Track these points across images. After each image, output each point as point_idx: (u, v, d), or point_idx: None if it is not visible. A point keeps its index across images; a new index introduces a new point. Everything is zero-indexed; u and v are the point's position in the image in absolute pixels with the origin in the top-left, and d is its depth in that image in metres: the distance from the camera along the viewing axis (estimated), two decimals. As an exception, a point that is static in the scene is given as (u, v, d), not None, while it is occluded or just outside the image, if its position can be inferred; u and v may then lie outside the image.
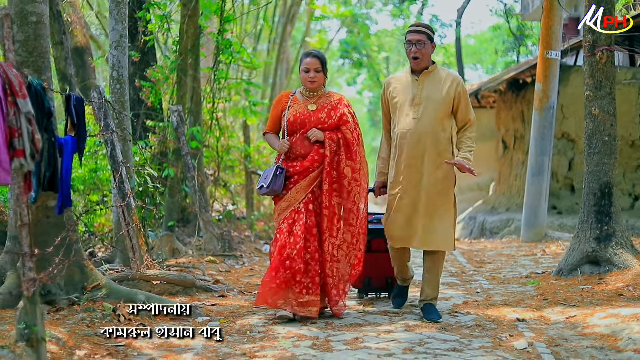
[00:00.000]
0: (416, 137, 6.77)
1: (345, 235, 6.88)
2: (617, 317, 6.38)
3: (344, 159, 6.84)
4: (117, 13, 8.77)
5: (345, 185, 6.84)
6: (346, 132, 6.89)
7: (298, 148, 6.88)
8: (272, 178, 6.73)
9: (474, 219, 18.20)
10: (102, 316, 6.28)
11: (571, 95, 15.29)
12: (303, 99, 7.01)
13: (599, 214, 8.70)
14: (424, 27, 6.91)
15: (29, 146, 4.50)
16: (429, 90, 6.84)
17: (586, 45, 8.94)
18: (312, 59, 6.95)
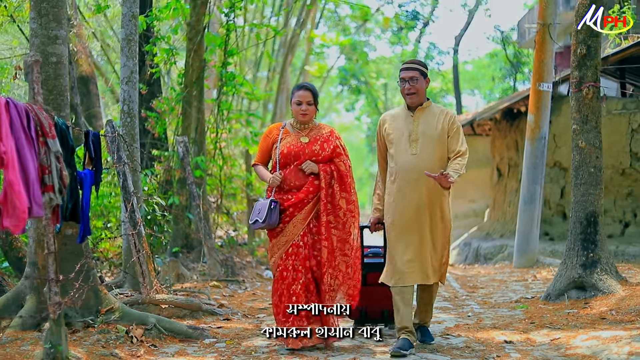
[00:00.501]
0: (415, 173, 6.75)
1: (341, 266, 6.83)
2: (598, 339, 6.81)
3: (339, 190, 6.87)
4: (128, 50, 9.22)
5: (340, 216, 6.85)
6: (340, 165, 6.93)
7: (292, 180, 6.85)
8: (267, 212, 6.69)
9: (469, 245, 18.63)
10: (116, 338, 6.71)
11: (564, 125, 15.72)
12: (294, 132, 7.01)
13: (585, 242, 9.15)
14: (416, 63, 6.96)
15: (58, 182, 4.96)
16: (424, 126, 6.85)
17: (573, 82, 9.40)
18: (305, 92, 6.95)
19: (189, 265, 11.63)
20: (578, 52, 9.33)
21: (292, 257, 6.74)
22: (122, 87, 9.22)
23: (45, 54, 6.86)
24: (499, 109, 18.14)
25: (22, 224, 4.40)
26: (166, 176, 12.64)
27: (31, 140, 4.70)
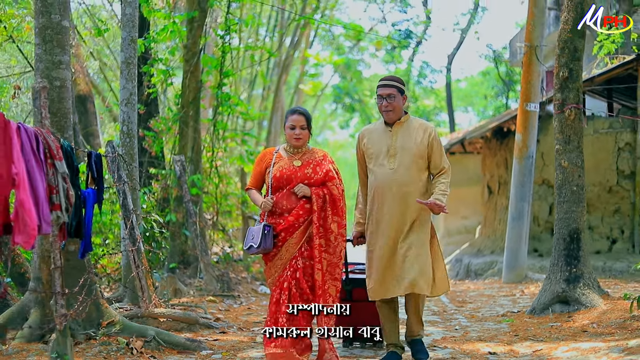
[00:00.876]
0: (394, 187, 6.79)
1: (331, 290, 6.83)
2: (578, 350, 7.14)
3: (331, 214, 6.83)
4: (127, 73, 9.56)
5: (332, 240, 6.82)
6: (332, 188, 6.89)
7: (284, 203, 6.82)
8: (261, 237, 6.65)
9: (460, 261, 18.95)
10: (117, 349, 7.02)
11: (551, 144, 15.93)
12: (287, 155, 6.98)
13: (568, 257, 9.49)
14: (394, 80, 6.99)
15: (64, 201, 5.29)
16: (402, 140, 6.89)
17: (556, 103, 9.76)
18: (298, 116, 6.94)
19: (186, 281, 11.94)
20: (560, 75, 9.69)
21: (288, 280, 6.69)
22: (121, 109, 9.54)
23: (49, 78, 7.20)
24: (489, 128, 18.51)
25: (32, 240, 4.71)
26: (163, 194, 12.97)
27: (40, 162, 5.03)
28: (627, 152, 15.87)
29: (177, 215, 12.51)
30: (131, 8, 9.59)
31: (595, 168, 15.87)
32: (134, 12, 9.61)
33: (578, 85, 9.68)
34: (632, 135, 15.75)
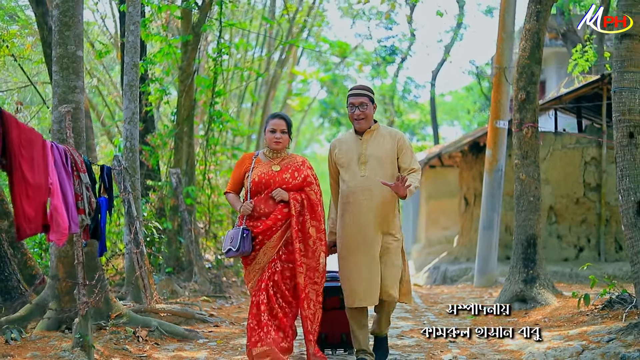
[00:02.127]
0: (365, 194, 6.90)
1: (311, 295, 6.91)
2: (527, 340, 8.20)
3: (309, 219, 6.92)
4: (130, 94, 10.58)
5: (310, 244, 6.90)
6: (310, 193, 6.99)
7: (262, 207, 6.88)
8: (240, 241, 6.73)
9: (438, 268, 19.95)
10: (125, 337, 8.06)
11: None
12: (267, 160, 7.06)
13: (526, 261, 10.60)
14: (365, 89, 7.08)
15: (87, 207, 6.34)
16: (372, 148, 6.99)
17: (515, 122, 10.87)
18: (279, 120, 7.03)
19: (181, 284, 12.96)
20: (519, 97, 10.80)
21: (266, 282, 6.78)
22: (124, 126, 10.55)
23: (66, 101, 8.21)
24: (464, 143, 19.52)
25: (64, 238, 5.73)
26: (159, 204, 14.00)
27: (69, 174, 6.06)
28: (593, 165, 16.91)
29: (173, 224, 13.57)
30: (133, 36, 10.62)
31: (563, 181, 16.95)
32: (136, 39, 10.64)
33: (535, 106, 10.78)
34: (597, 150, 16.79)
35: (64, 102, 8.18)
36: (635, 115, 7.61)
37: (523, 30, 10.98)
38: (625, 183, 7.57)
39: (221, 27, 14.63)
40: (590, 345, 7.28)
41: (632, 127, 7.58)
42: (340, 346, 7.74)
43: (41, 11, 13.14)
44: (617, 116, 7.67)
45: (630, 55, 7.68)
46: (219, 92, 14.73)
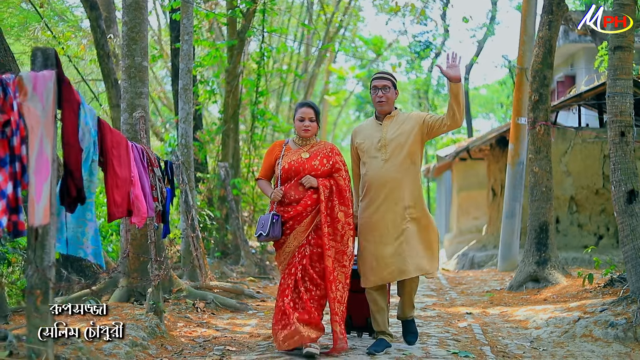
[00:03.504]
0: (386, 177, 7.07)
1: (340, 277, 7.00)
2: (533, 310, 9.44)
3: (337, 204, 7.05)
4: (185, 97, 11.89)
5: (339, 229, 7.01)
6: (339, 179, 7.11)
7: (292, 194, 7.04)
8: (269, 226, 6.90)
9: (466, 255, 21.10)
10: (186, 308, 9.38)
11: (544, 152, 18.21)
12: (296, 147, 7.23)
13: (538, 245, 11.79)
14: (388, 74, 7.25)
15: (160, 195, 7.65)
16: (392, 132, 7.11)
17: (529, 121, 12.04)
18: (307, 109, 7.18)
19: (228, 267, 14.28)
20: (532, 98, 11.98)
21: (294, 265, 6.98)
22: (180, 125, 11.85)
23: (133, 105, 9.51)
24: (490, 138, 20.60)
25: (143, 221, 6.98)
26: (208, 194, 15.34)
27: (145, 168, 7.35)
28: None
29: (221, 212, 14.91)
30: (187, 45, 11.93)
31: (584, 172, 18.01)
32: (190, 48, 11.94)
33: (547, 106, 11.95)
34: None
35: (132, 106, 9.48)
36: (626, 116, 8.71)
37: (537, 37, 12.16)
38: (617, 175, 8.69)
39: (264, 33, 15.93)
40: (585, 315, 8.44)
41: (623, 127, 8.68)
42: (366, 330, 7.84)
43: (95, 15, 14.50)
44: (611, 117, 8.78)
45: (622, 64, 8.78)
46: (262, 93, 16.05)
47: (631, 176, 8.56)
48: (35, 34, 18.81)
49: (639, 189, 8.54)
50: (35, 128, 4.63)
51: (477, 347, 7.50)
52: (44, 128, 4.77)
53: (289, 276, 6.98)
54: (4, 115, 4.26)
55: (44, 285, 4.98)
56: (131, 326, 7.11)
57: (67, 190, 5.15)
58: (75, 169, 5.20)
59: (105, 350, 6.09)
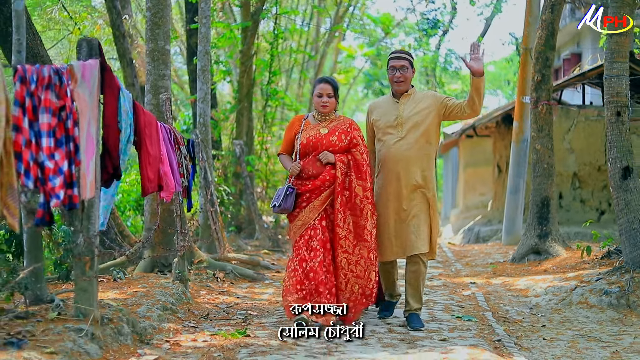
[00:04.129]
0: (401, 154, 7.17)
1: (362, 251, 7.05)
2: (533, 280, 10.02)
3: (355, 179, 7.08)
4: (203, 77, 12.44)
5: (357, 203, 7.07)
6: (356, 154, 7.18)
7: (310, 169, 7.13)
8: (283, 197, 7.05)
9: (472, 230, 21.66)
10: (207, 277, 9.99)
11: (549, 129, 18.74)
12: (315, 123, 7.31)
13: (540, 219, 12.36)
14: (405, 53, 7.37)
15: (185, 172, 8.24)
16: (409, 110, 7.21)
17: (532, 100, 12.57)
18: (325, 85, 7.22)
19: (243, 240, 14.90)
20: (535, 78, 12.51)
21: (306, 238, 7.03)
22: (198, 105, 12.41)
23: (156, 86, 10.07)
24: (495, 116, 21.09)
25: (171, 195, 7.56)
26: (222, 171, 15.94)
27: (172, 147, 7.93)
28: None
29: (235, 188, 15.51)
30: (205, 28, 12.46)
31: (587, 150, 18.53)
32: (208, 31, 12.49)
33: (549, 86, 12.49)
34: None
35: (155, 88, 10.03)
36: (622, 97, 9.23)
37: (540, 20, 12.68)
38: (613, 153, 9.23)
39: (277, 14, 16.47)
40: (582, 284, 9.01)
41: (619, 107, 9.21)
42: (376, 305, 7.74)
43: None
44: (607, 98, 9.31)
45: (619, 48, 9.30)
46: (275, 72, 16.62)
47: (626, 153, 9.09)
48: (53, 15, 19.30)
49: (633, 166, 9.07)
50: (84, 111, 5.20)
51: (479, 312, 8.10)
52: (90, 111, 5.36)
53: (301, 248, 7.03)
54: (60, 101, 4.81)
55: (90, 252, 5.58)
56: (160, 292, 7.70)
57: (104, 168, 5.74)
58: (113, 149, 5.79)
59: (140, 313, 6.67)
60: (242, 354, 5.80)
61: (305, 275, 6.93)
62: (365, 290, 7.06)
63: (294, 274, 6.98)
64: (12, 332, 5.06)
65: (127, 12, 17.25)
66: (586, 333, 7.33)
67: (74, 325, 5.36)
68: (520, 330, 7.42)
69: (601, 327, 7.60)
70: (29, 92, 4.47)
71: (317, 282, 6.86)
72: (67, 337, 5.14)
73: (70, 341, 5.08)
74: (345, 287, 7.02)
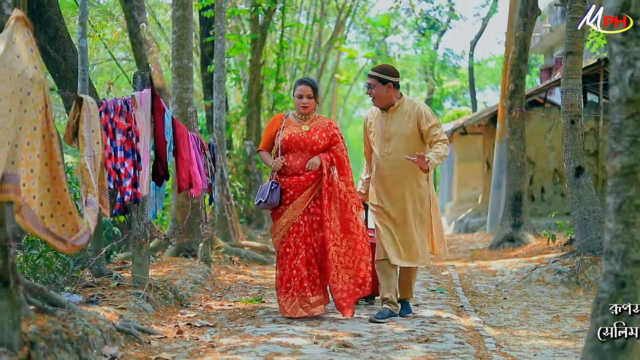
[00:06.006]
0: (390, 169, 7.34)
1: (350, 243, 7.23)
2: (503, 263, 11.76)
3: (337, 175, 7.27)
4: (218, 87, 14.13)
5: (342, 198, 7.22)
6: (337, 151, 7.34)
7: (295, 167, 7.27)
8: (268, 193, 7.15)
9: (462, 221, 23.29)
10: (225, 261, 11.73)
11: (532, 129, 20.29)
12: (296, 121, 7.42)
13: (514, 211, 14.12)
14: (376, 71, 7.36)
15: (210, 172, 9.99)
16: (396, 125, 7.31)
17: (506, 107, 14.31)
18: (305, 86, 7.34)
19: (253, 231, 16.64)
20: (509, 88, 14.25)
21: (293, 235, 7.21)
22: (215, 112, 14.08)
23: (181, 98, 11.74)
24: (483, 116, 22.67)
25: (199, 192, 9.22)
26: (234, 168, 17.69)
27: (199, 152, 9.65)
28: (591, 135, 19.99)
29: (246, 184, 17.27)
30: (221, 44, 14.15)
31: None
32: (223, 47, 14.18)
33: (522, 95, 14.24)
34: (595, 122, 19.90)
35: (180, 99, 11.69)
36: (576, 108, 10.83)
37: (513, 37, 14.42)
38: (568, 155, 10.84)
39: (283, 27, 18.22)
40: (541, 265, 10.70)
41: (573, 116, 10.83)
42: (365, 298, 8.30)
43: (129, 7, 16.53)
44: (564, 109, 10.93)
45: (573, 67, 10.92)
46: (281, 79, 18.38)
47: (579, 155, 10.74)
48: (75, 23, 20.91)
49: (584, 166, 10.75)
50: (142, 129, 6.94)
51: (452, 287, 9.85)
52: (146, 129, 7.10)
53: (287, 246, 7.26)
54: (127, 123, 6.54)
55: (144, 235, 7.35)
56: (190, 271, 9.44)
57: (157, 171, 7.49)
58: (163, 155, 7.54)
59: (177, 285, 8.40)
60: (260, 313, 7.55)
61: (292, 273, 7.16)
62: (357, 280, 7.24)
63: (284, 272, 7.24)
64: (89, 295, 6.80)
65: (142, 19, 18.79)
66: (538, 304, 8.92)
67: (133, 291, 7.09)
68: (485, 301, 9.10)
69: (552, 300, 9.21)
70: (109, 119, 6.21)
71: (300, 278, 7.12)
72: (129, 298, 6.86)
73: (132, 302, 6.79)
74: (337, 277, 7.17)
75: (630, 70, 3.54)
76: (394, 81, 7.31)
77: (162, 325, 6.60)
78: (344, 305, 7.18)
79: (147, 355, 5.46)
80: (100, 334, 5.31)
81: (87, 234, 4.90)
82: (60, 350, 4.72)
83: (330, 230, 7.17)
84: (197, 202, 10.42)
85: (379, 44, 38.83)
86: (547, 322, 7.69)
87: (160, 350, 5.70)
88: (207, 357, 5.55)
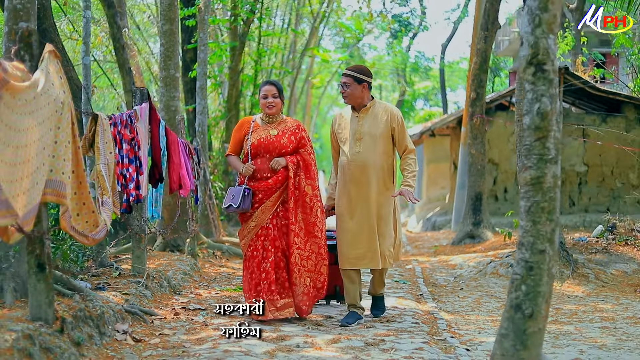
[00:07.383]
0: (359, 168, 7.29)
1: (313, 247, 7.29)
2: (463, 258, 12.87)
3: (304, 178, 7.28)
4: (201, 94, 15.09)
5: (307, 201, 7.28)
6: (304, 154, 7.37)
7: (264, 171, 7.28)
8: (241, 198, 7.13)
9: (429, 219, 24.32)
10: (208, 255, 12.75)
11: (496, 133, 21.30)
12: (264, 125, 7.41)
13: (474, 210, 15.24)
14: (351, 70, 7.40)
15: (196, 174, 11.03)
16: (368, 125, 7.32)
17: (468, 114, 15.42)
18: (270, 86, 7.38)
19: (232, 227, 17.62)
20: (471, 96, 15.35)
21: (262, 239, 7.22)
22: (198, 117, 14.99)
23: (168, 106, 12.69)
24: (450, 120, 23.54)
25: (187, 192, 10.22)
26: (213, 169, 18.68)
27: (187, 156, 10.66)
28: (552, 138, 21.19)
29: (224, 183, 18.28)
30: (203, 54, 15.13)
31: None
32: (206, 56, 15.17)
33: (482, 103, 15.33)
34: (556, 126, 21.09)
35: (168, 107, 12.59)
36: (528, 117, 11.97)
37: (475, 48, 15.53)
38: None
39: (260, 36, 19.25)
40: (495, 259, 11.79)
41: (525, 125, 11.98)
42: (334, 297, 8.42)
43: (112, 12, 17.19)
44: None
45: (526, 79, 12.04)
46: (258, 85, 19.36)
47: (530, 160, 11.82)
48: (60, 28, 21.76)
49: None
50: (142, 139, 7.97)
51: (414, 279, 10.95)
52: (144, 138, 8.14)
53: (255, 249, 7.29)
54: (131, 134, 7.57)
55: (142, 231, 8.41)
56: (179, 264, 10.47)
57: (153, 175, 8.54)
58: (158, 161, 8.57)
59: (170, 275, 9.42)
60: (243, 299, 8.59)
61: (261, 276, 7.19)
62: (316, 283, 7.34)
63: (252, 276, 7.27)
64: (96, 283, 7.83)
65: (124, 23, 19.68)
66: (491, 293, 9.95)
67: (133, 280, 8.14)
68: (443, 291, 10.18)
69: (504, 290, 10.14)
70: (117, 131, 7.25)
71: (269, 281, 7.14)
72: (131, 286, 7.89)
73: (133, 289, 7.82)
74: (299, 280, 7.22)
75: (538, 104, 4.58)
76: (369, 81, 7.38)
77: (160, 309, 7.68)
78: (304, 309, 7.31)
79: (151, 332, 6.56)
80: (113, 314, 6.40)
81: (105, 229, 5.96)
82: (84, 324, 5.79)
83: (294, 234, 7.20)
84: (185, 202, 11.39)
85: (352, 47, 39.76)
86: (496, 309, 8.68)
87: (162, 327, 6.81)
88: (202, 333, 6.66)
